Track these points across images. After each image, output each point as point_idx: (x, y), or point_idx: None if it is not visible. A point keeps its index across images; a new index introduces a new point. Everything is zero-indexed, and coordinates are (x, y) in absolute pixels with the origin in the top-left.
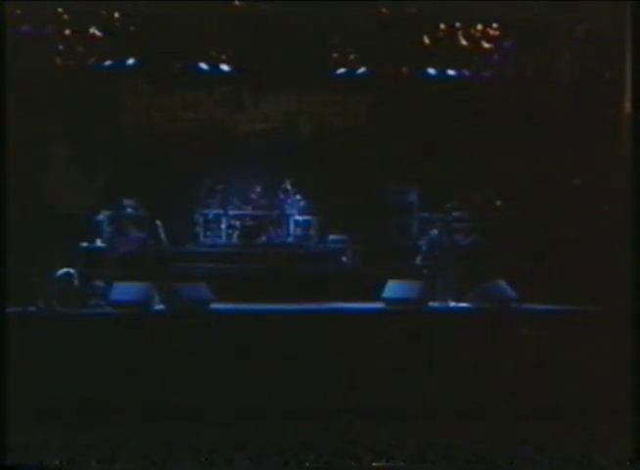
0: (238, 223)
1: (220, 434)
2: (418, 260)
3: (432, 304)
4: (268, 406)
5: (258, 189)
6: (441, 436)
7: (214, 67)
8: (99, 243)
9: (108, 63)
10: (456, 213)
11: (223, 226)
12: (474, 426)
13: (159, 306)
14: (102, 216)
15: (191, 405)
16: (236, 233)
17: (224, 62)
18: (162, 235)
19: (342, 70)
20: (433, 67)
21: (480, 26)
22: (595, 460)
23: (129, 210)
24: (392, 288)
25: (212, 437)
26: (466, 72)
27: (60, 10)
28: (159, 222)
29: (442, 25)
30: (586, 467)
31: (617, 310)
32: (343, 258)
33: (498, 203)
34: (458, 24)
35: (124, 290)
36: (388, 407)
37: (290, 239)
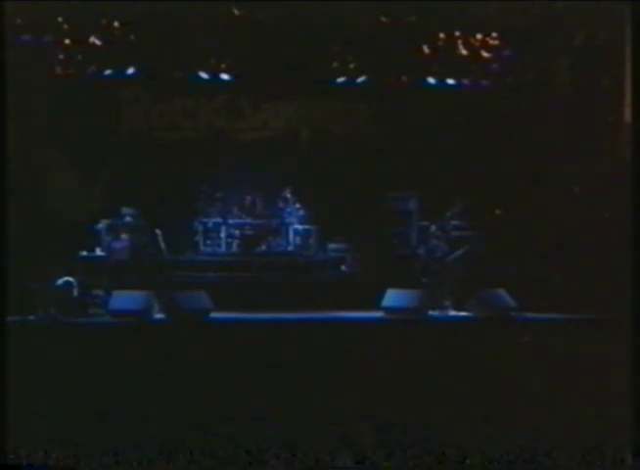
0: (237, 232)
1: (218, 439)
2: (417, 269)
3: (431, 312)
4: (268, 413)
5: (258, 198)
6: (441, 437)
7: (214, 75)
8: (98, 252)
9: (108, 71)
10: (456, 222)
11: (223, 235)
12: (474, 427)
13: (158, 315)
14: (101, 225)
15: (190, 412)
16: (235, 242)
17: (224, 70)
18: (162, 244)
19: (342, 79)
20: (432, 75)
21: (479, 35)
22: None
23: (129, 218)
24: (392, 297)
25: (210, 442)
26: (465, 81)
27: (60, 19)
28: (158, 231)
29: (442, 35)
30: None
31: (618, 318)
32: (343, 267)
33: (498, 211)
34: (457, 34)
35: (124, 299)
36: (387, 412)
37: (289, 248)
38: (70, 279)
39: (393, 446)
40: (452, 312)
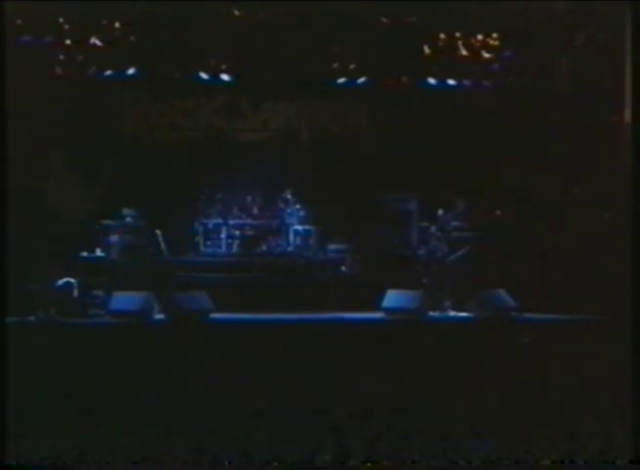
0: (238, 233)
1: (218, 440)
2: (417, 270)
3: (431, 313)
4: (267, 413)
5: (258, 198)
6: (443, 439)
7: (214, 75)
8: (98, 252)
9: (108, 72)
10: (456, 223)
11: (223, 236)
12: (474, 430)
13: (158, 316)
14: (101, 225)
15: (190, 413)
16: (236, 242)
17: (224, 71)
18: (162, 244)
19: (342, 79)
20: (433, 76)
21: (479, 36)
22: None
23: (129, 219)
24: (392, 297)
25: (210, 443)
26: (466, 82)
27: (60, 19)
28: (158, 232)
29: (442, 35)
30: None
31: (618, 319)
32: (343, 268)
33: (498, 212)
34: (458, 34)
35: (124, 299)
36: (386, 414)
37: (290, 248)
38: (71, 280)
39: (393, 446)
40: (452, 313)
